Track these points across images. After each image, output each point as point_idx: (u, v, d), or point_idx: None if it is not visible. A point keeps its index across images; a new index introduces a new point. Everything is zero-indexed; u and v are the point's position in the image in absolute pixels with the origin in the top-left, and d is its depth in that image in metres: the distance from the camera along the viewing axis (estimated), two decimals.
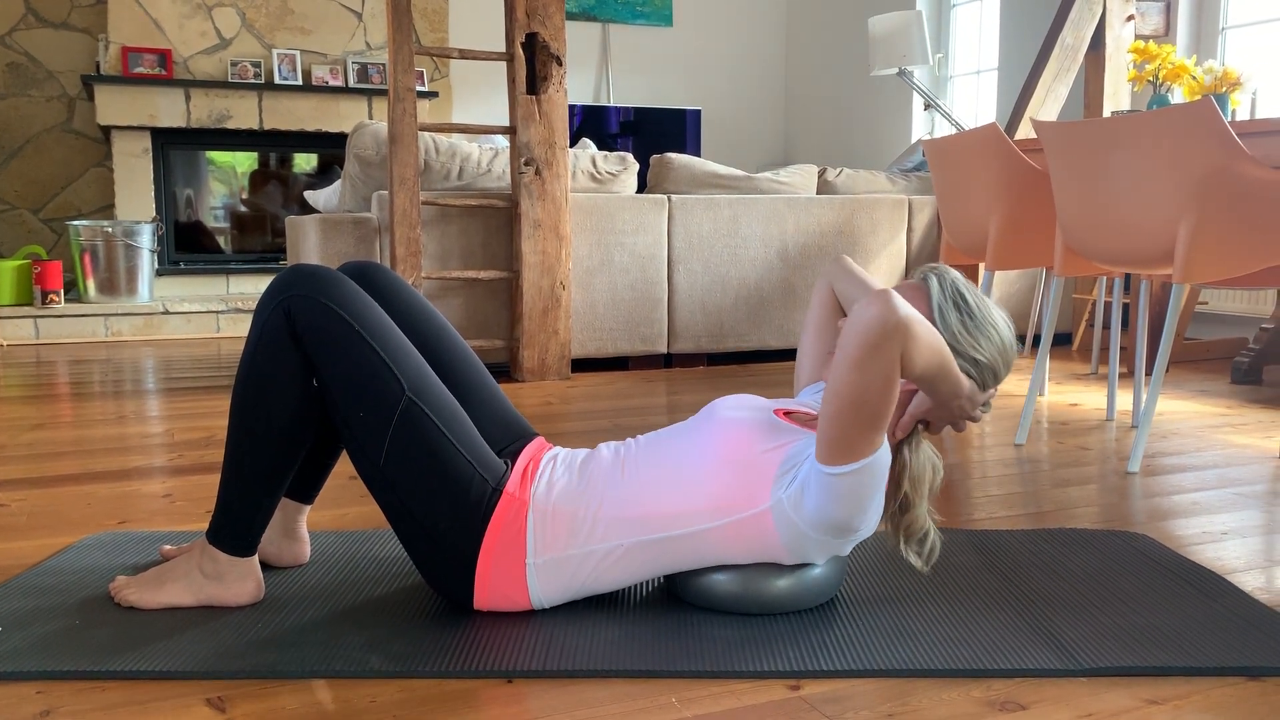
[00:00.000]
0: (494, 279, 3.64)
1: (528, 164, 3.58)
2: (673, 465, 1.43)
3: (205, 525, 1.91)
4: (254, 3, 5.77)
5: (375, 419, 1.40)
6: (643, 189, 6.01)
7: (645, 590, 1.55)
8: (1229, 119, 3.02)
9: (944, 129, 6.08)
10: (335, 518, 1.97)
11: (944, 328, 1.42)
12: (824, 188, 4.29)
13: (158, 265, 5.57)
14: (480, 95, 6.50)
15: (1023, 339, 4.66)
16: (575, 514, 1.42)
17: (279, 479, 1.46)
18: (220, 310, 5.19)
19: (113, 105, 5.41)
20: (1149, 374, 3.62)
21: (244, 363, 1.45)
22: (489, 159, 3.75)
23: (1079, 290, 4.55)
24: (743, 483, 1.39)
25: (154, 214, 5.61)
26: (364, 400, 1.40)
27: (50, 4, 5.61)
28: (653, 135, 6.70)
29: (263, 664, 1.28)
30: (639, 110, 6.68)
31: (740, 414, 1.47)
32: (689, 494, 1.41)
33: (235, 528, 1.46)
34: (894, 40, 5.02)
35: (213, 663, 1.29)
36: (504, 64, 6.06)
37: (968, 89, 6.07)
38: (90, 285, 5.11)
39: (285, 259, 5.69)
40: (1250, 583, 1.61)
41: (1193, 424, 2.86)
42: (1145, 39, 4.52)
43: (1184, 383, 3.57)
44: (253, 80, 5.68)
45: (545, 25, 3.57)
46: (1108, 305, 4.27)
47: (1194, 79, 3.09)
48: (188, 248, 5.83)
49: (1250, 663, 1.29)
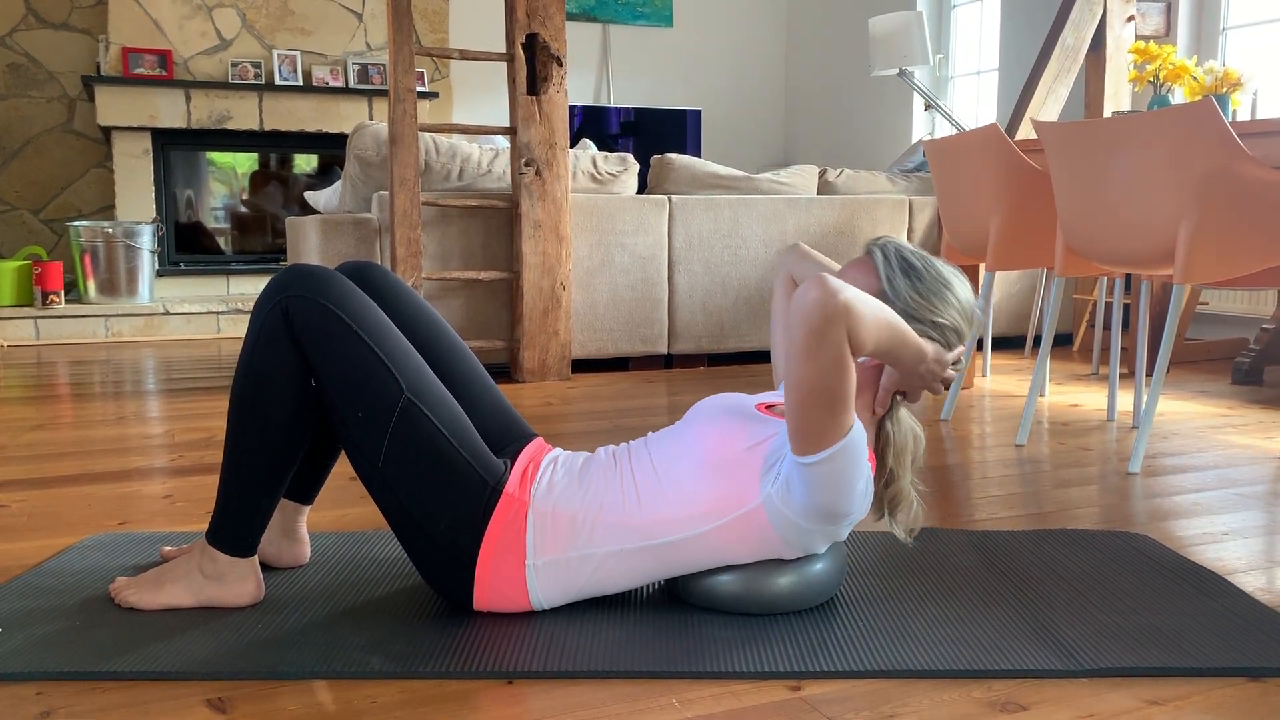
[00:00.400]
0: (494, 280, 3.64)
1: (528, 165, 3.58)
2: (664, 471, 1.44)
3: (205, 526, 1.91)
4: (254, 3, 5.78)
5: (374, 419, 1.40)
6: (643, 190, 6.01)
7: (646, 591, 1.55)
8: (1229, 119, 3.02)
9: (944, 129, 6.08)
10: (335, 518, 1.97)
11: (897, 297, 1.42)
12: (824, 188, 4.29)
13: (158, 266, 5.57)
14: (480, 96, 6.50)
15: (1023, 340, 4.66)
16: (575, 517, 1.42)
17: (278, 479, 1.46)
18: (220, 311, 5.19)
19: (113, 106, 5.41)
20: (1150, 374, 3.62)
21: (242, 363, 1.45)
22: (489, 160, 3.75)
23: (1079, 291, 4.55)
24: (731, 483, 1.39)
25: (154, 215, 5.61)
26: (362, 400, 1.40)
27: (50, 5, 5.61)
28: (653, 136, 6.70)
29: (263, 665, 1.28)
30: (639, 111, 6.68)
31: (721, 414, 1.47)
32: (682, 499, 1.41)
33: (235, 528, 1.46)
34: (894, 41, 5.02)
35: (213, 664, 1.29)
36: (504, 65, 6.05)
37: (968, 89, 6.07)
38: (90, 286, 5.11)
39: (285, 260, 5.69)
40: (1251, 583, 1.61)
41: (1193, 424, 2.86)
42: (1146, 39, 4.52)
43: (1184, 383, 3.57)
44: (253, 81, 5.69)
45: (545, 26, 3.57)
46: (1108, 306, 4.27)
47: (1195, 79, 3.09)
48: (188, 248, 5.83)
49: (1251, 663, 1.29)
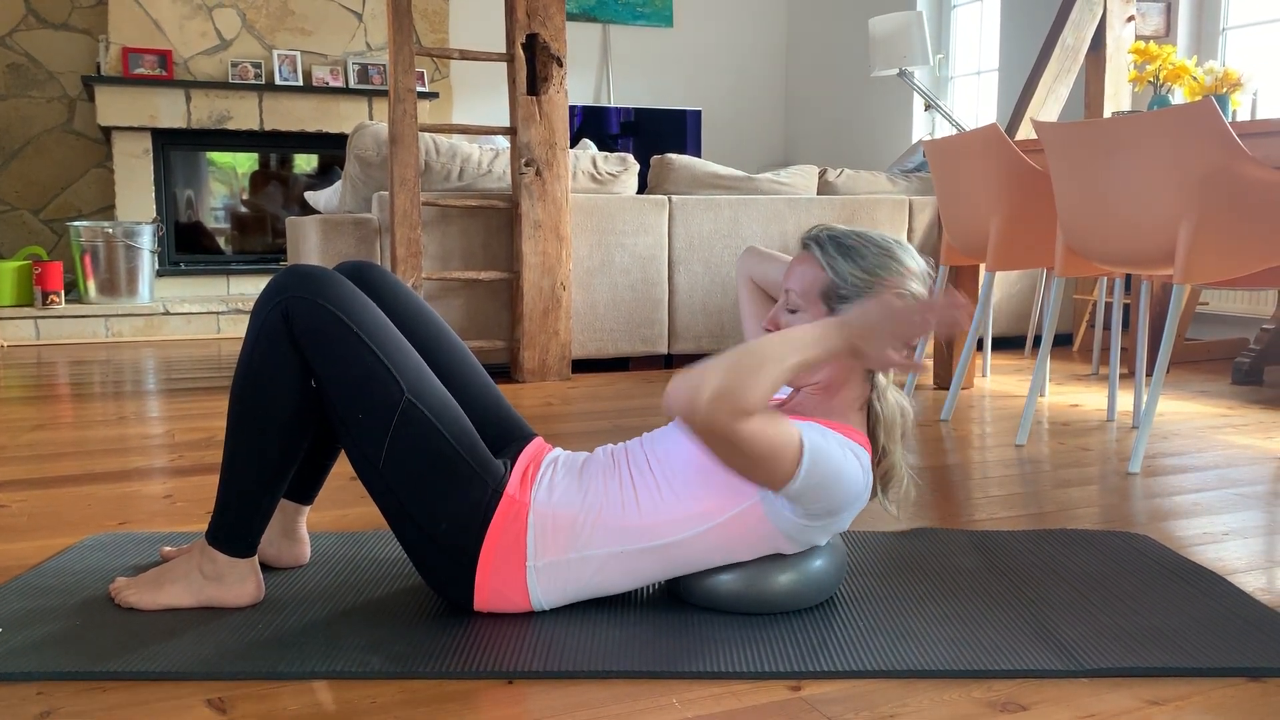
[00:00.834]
0: (494, 280, 3.64)
1: (528, 165, 3.58)
2: (660, 472, 1.44)
3: (205, 526, 1.91)
4: (254, 4, 5.78)
5: (374, 420, 1.39)
6: (643, 190, 6.01)
7: (645, 590, 1.55)
8: (1229, 120, 3.02)
9: (944, 130, 6.08)
10: (335, 518, 1.97)
11: (844, 283, 1.43)
12: (825, 188, 4.29)
13: (158, 266, 5.57)
14: (481, 96, 6.50)
15: (1023, 340, 4.66)
16: (575, 519, 1.42)
17: (278, 480, 1.46)
18: (221, 311, 5.19)
19: (113, 106, 5.41)
20: (1150, 374, 3.62)
21: (242, 364, 1.44)
22: (489, 160, 3.75)
23: (1079, 291, 4.55)
24: (724, 483, 1.39)
25: (154, 215, 5.61)
26: (363, 402, 1.40)
27: (51, 5, 5.61)
28: (653, 136, 6.70)
29: (263, 665, 1.28)
30: (639, 111, 6.68)
31: None
32: (679, 500, 1.41)
33: (234, 529, 1.46)
34: (894, 41, 5.02)
35: (213, 664, 1.29)
36: (504, 65, 6.05)
37: (968, 89, 6.07)
38: (91, 286, 5.11)
39: (285, 260, 5.69)
40: (1251, 583, 1.61)
41: (1193, 424, 2.86)
42: (1146, 39, 4.52)
43: (1185, 383, 3.57)
44: (253, 81, 5.69)
45: (546, 26, 3.57)
46: (1108, 306, 4.27)
47: (1195, 79, 3.09)
48: (188, 248, 5.83)
49: (1251, 663, 1.29)
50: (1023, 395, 3.34)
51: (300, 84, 5.76)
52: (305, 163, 6.06)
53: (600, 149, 5.80)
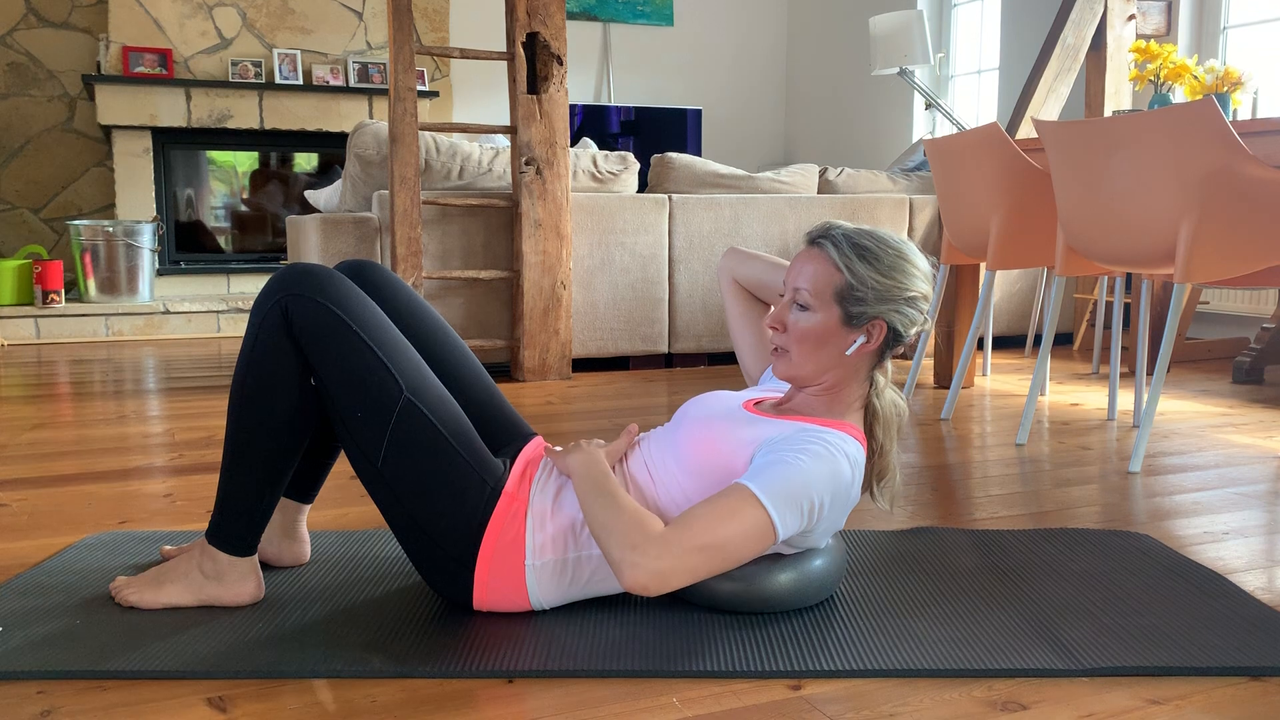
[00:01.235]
0: (495, 279, 3.64)
1: (528, 163, 3.58)
2: (656, 474, 1.44)
3: (205, 525, 1.91)
4: (254, 2, 5.77)
5: (373, 419, 1.39)
6: (643, 189, 6.00)
7: None
8: (1230, 118, 3.02)
9: (945, 128, 6.08)
10: (335, 517, 1.97)
11: (861, 285, 1.40)
12: (825, 187, 4.29)
13: (158, 265, 5.57)
14: (481, 95, 6.50)
15: (1023, 339, 4.66)
16: (574, 519, 1.41)
17: (278, 478, 1.46)
18: (221, 310, 5.19)
19: (113, 105, 5.41)
20: (1150, 374, 3.62)
21: (241, 362, 1.44)
22: (490, 158, 3.75)
23: (1080, 290, 4.55)
24: (718, 487, 1.39)
25: (154, 214, 5.61)
26: (362, 400, 1.40)
27: (51, 4, 5.61)
28: (653, 135, 6.70)
29: (263, 664, 1.28)
30: (640, 110, 6.68)
31: (707, 417, 1.46)
32: (674, 504, 1.42)
33: (235, 528, 1.46)
34: (895, 40, 5.02)
35: (213, 663, 1.29)
36: (505, 63, 6.05)
37: (969, 88, 6.07)
38: (91, 285, 5.11)
39: (286, 259, 5.69)
40: (1252, 582, 1.61)
41: (1194, 424, 2.86)
42: (1146, 38, 4.52)
43: (1185, 382, 3.57)
44: (253, 80, 5.68)
45: (546, 25, 3.56)
46: (1109, 305, 4.27)
47: (1195, 78, 3.09)
48: (188, 247, 5.83)
49: (1252, 663, 1.29)
50: (1023, 394, 3.34)
51: (300, 83, 5.75)
52: (305, 162, 6.06)
53: (600, 148, 5.80)
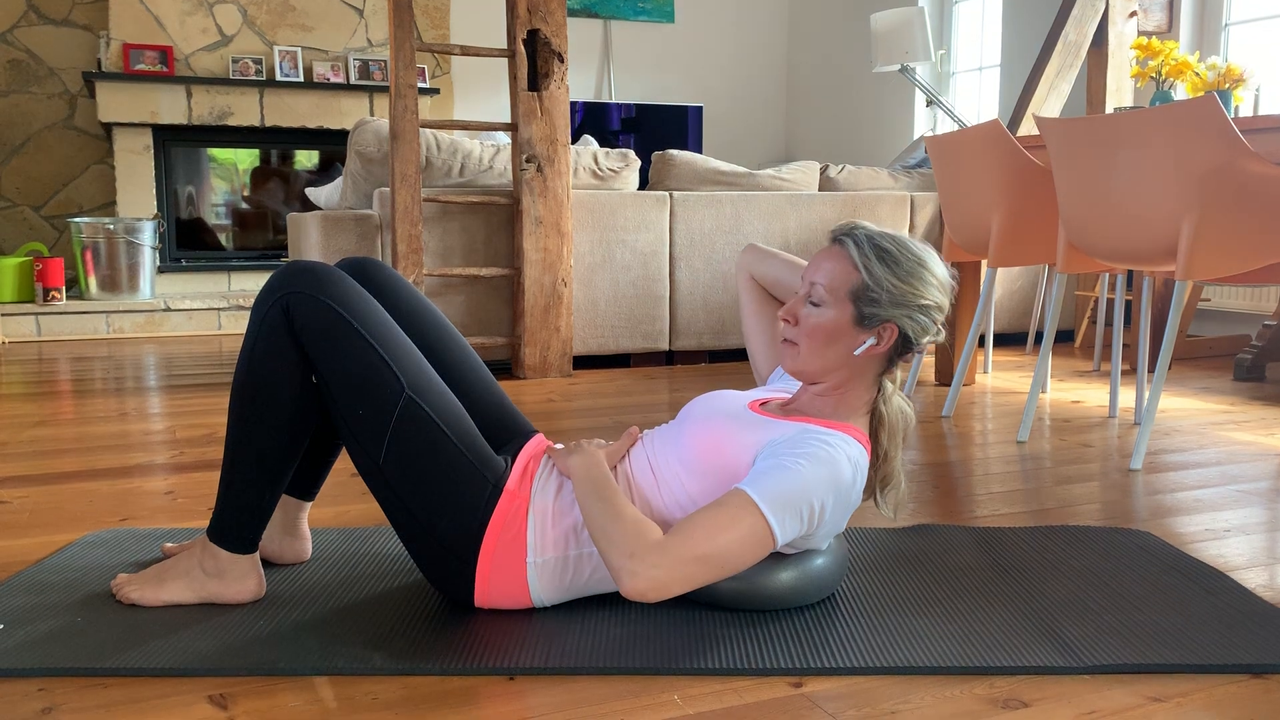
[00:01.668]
0: (495, 276, 3.64)
1: (529, 161, 3.57)
2: (659, 472, 1.44)
3: (207, 522, 1.91)
4: None
5: (375, 417, 1.39)
6: (644, 186, 6.00)
7: None
8: (1232, 115, 3.01)
9: (946, 125, 6.07)
10: (336, 515, 1.97)
11: (877, 286, 1.39)
12: (826, 184, 4.29)
13: (159, 262, 5.57)
14: (482, 92, 6.49)
15: (1025, 336, 4.66)
16: (575, 516, 1.41)
17: (279, 476, 1.46)
18: (221, 307, 5.19)
19: (114, 102, 5.41)
20: (1151, 371, 3.61)
21: (243, 360, 1.44)
22: (490, 156, 3.75)
23: (1081, 287, 4.55)
24: (720, 487, 1.39)
25: (155, 211, 5.61)
26: (363, 398, 1.40)
27: (51, 1, 5.61)
28: (654, 132, 6.70)
29: (264, 661, 1.28)
30: (640, 107, 6.68)
31: (712, 416, 1.46)
32: (676, 503, 1.41)
33: (236, 525, 1.46)
34: (896, 36, 5.02)
35: (214, 660, 1.29)
36: (505, 60, 6.05)
37: (970, 85, 6.06)
38: (92, 282, 5.11)
39: (287, 256, 5.69)
40: (1253, 580, 1.60)
41: (1195, 421, 2.85)
42: (1148, 35, 4.51)
43: (1186, 380, 3.57)
44: (254, 77, 5.68)
45: (547, 22, 3.56)
46: (1110, 302, 4.27)
47: (1197, 75, 3.08)
48: (189, 245, 5.83)
49: (1253, 660, 1.29)
50: (1024, 392, 3.34)
51: (301, 80, 5.75)
52: (306, 159, 6.05)
53: (601, 145, 5.79)
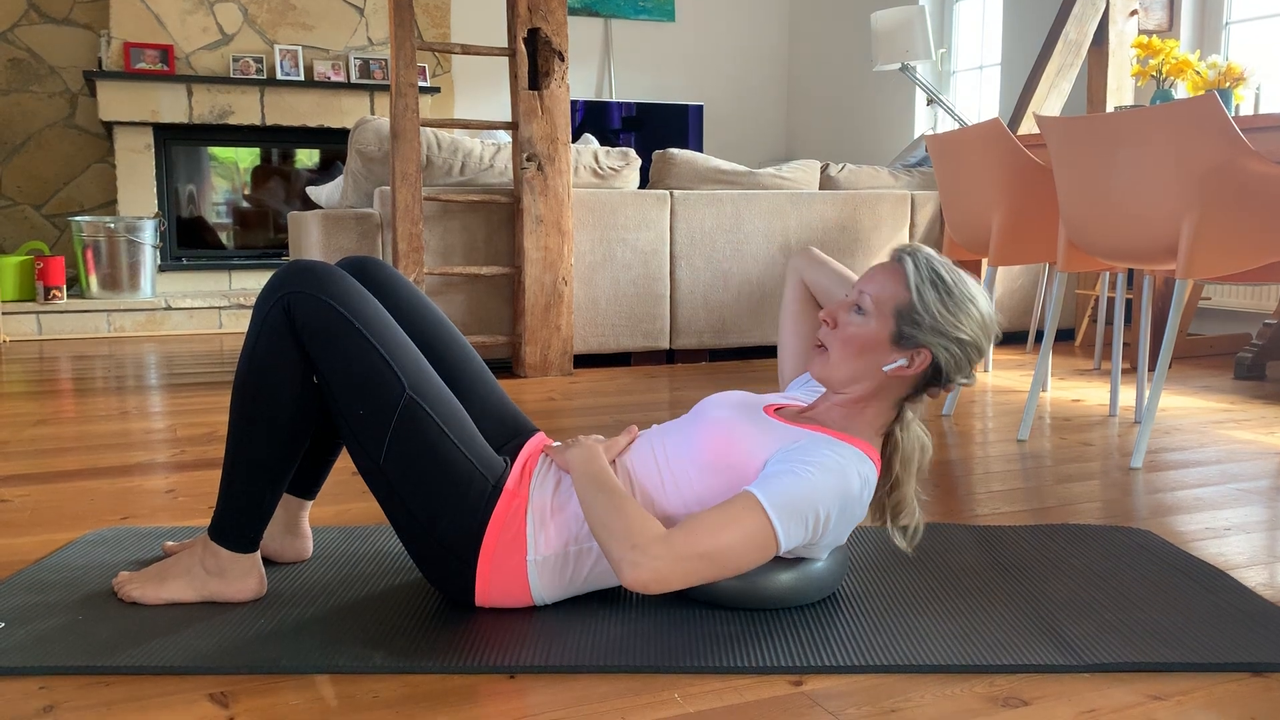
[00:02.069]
0: (496, 275, 3.64)
1: (530, 160, 3.57)
2: (666, 467, 1.43)
3: (208, 521, 1.91)
4: None
5: (375, 417, 1.39)
6: (645, 185, 6.00)
7: None
8: (1233, 114, 3.01)
9: (947, 124, 6.07)
10: (337, 513, 1.97)
11: (924, 310, 1.39)
12: (827, 183, 4.29)
13: (160, 261, 5.57)
14: (482, 91, 6.49)
15: (1025, 335, 4.66)
16: (574, 511, 1.42)
17: (280, 475, 1.46)
18: (222, 306, 5.19)
19: (115, 101, 5.41)
20: (1152, 370, 3.61)
21: (244, 359, 1.44)
22: (491, 154, 3.75)
23: (1082, 286, 4.55)
24: (728, 486, 1.39)
25: (156, 210, 5.61)
26: (364, 398, 1.40)
27: (52, 0, 5.61)
28: (655, 131, 6.69)
29: (265, 660, 1.29)
30: (641, 106, 6.68)
31: (726, 415, 1.46)
32: (682, 499, 1.41)
33: (237, 524, 1.46)
34: (897, 35, 5.01)
35: (215, 658, 1.29)
36: (506, 59, 6.05)
37: (971, 84, 6.06)
38: (93, 281, 5.11)
39: (287, 255, 5.69)
40: (1253, 578, 1.61)
41: (1196, 420, 2.85)
42: (1149, 34, 4.51)
43: (1187, 378, 3.57)
44: (255, 76, 5.68)
45: (547, 20, 3.56)
46: (1110, 301, 4.26)
47: (1198, 74, 3.08)
48: (190, 243, 5.83)
49: (1254, 658, 1.29)
50: (1025, 390, 3.34)
51: (302, 79, 5.75)
52: (307, 158, 6.05)
53: (602, 144, 5.80)
